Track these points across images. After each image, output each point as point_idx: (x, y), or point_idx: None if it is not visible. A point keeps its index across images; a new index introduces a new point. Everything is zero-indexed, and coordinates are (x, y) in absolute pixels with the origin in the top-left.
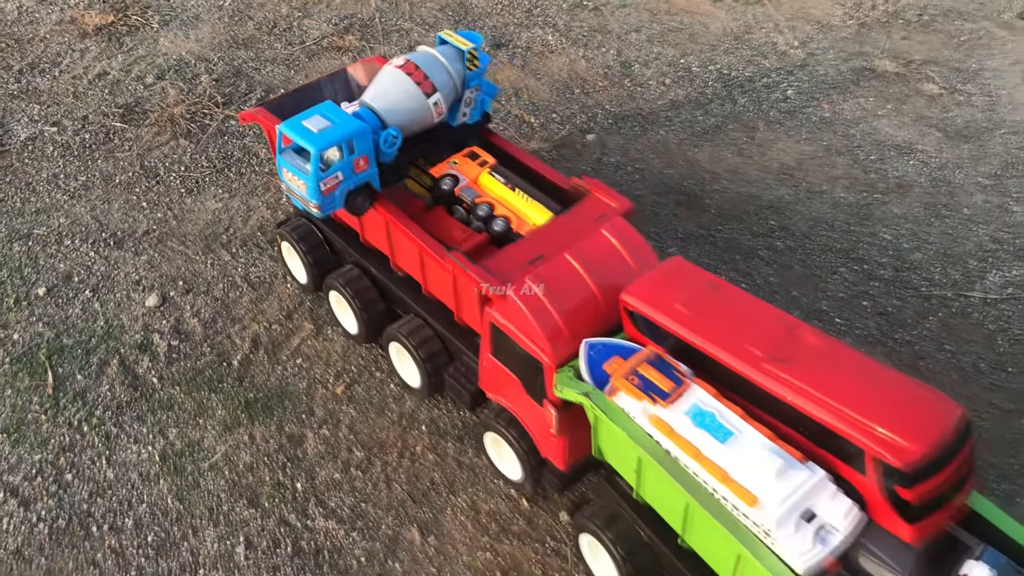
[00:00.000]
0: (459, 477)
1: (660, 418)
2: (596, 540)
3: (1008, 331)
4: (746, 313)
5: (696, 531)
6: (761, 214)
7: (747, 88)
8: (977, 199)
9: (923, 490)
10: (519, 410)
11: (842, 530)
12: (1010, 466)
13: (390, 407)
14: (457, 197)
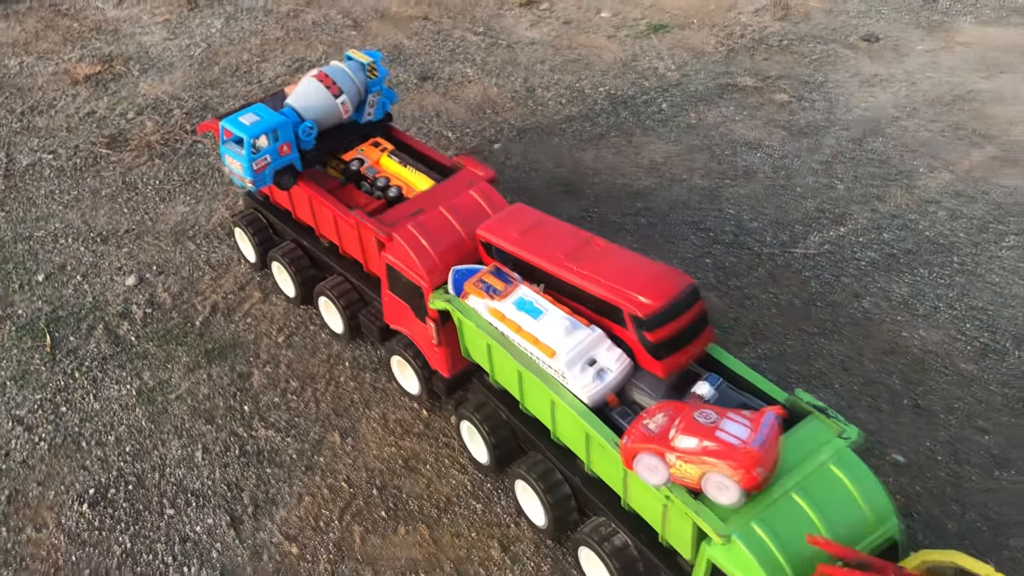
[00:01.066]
0: (373, 397)
1: (496, 309)
2: (471, 424)
3: (820, 276)
4: (558, 234)
5: (527, 393)
6: (630, 199)
7: (629, 104)
8: (809, 180)
9: (662, 334)
10: (413, 333)
11: (615, 371)
12: (809, 372)
13: (321, 350)
14: (363, 175)
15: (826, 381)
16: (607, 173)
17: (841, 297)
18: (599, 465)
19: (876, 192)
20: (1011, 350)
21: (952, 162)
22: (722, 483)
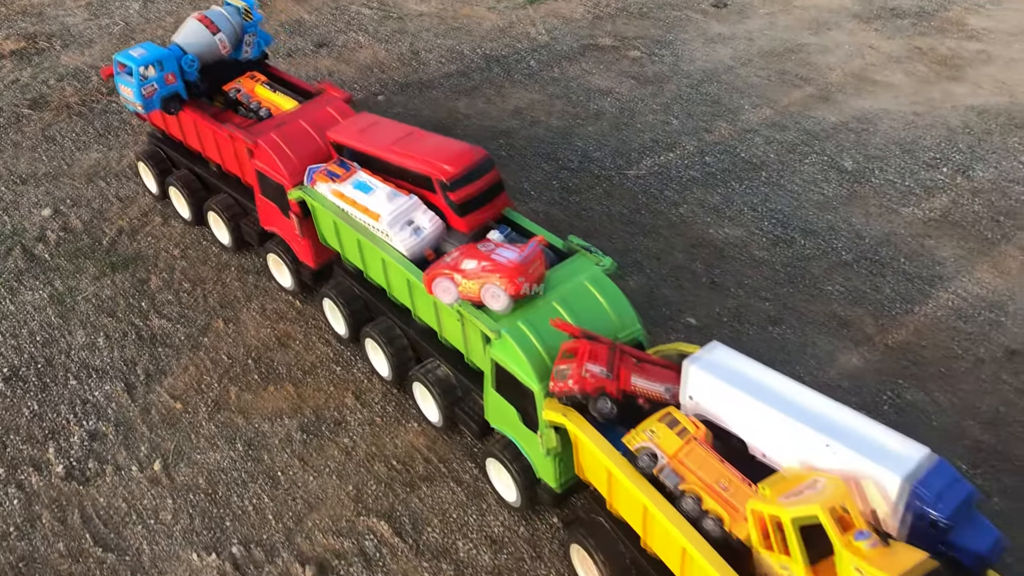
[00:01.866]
0: (254, 293)
1: (337, 190)
2: (331, 301)
3: (647, 192)
4: (389, 129)
5: (367, 259)
6: (495, 137)
7: (502, 62)
8: (649, 119)
9: (463, 195)
10: (283, 231)
11: (428, 228)
12: (628, 260)
13: (211, 260)
14: (239, 101)
15: (640, 268)
16: (477, 117)
17: (663, 206)
18: (422, 309)
19: (705, 126)
20: (798, 239)
21: (774, 100)
22: (495, 292)
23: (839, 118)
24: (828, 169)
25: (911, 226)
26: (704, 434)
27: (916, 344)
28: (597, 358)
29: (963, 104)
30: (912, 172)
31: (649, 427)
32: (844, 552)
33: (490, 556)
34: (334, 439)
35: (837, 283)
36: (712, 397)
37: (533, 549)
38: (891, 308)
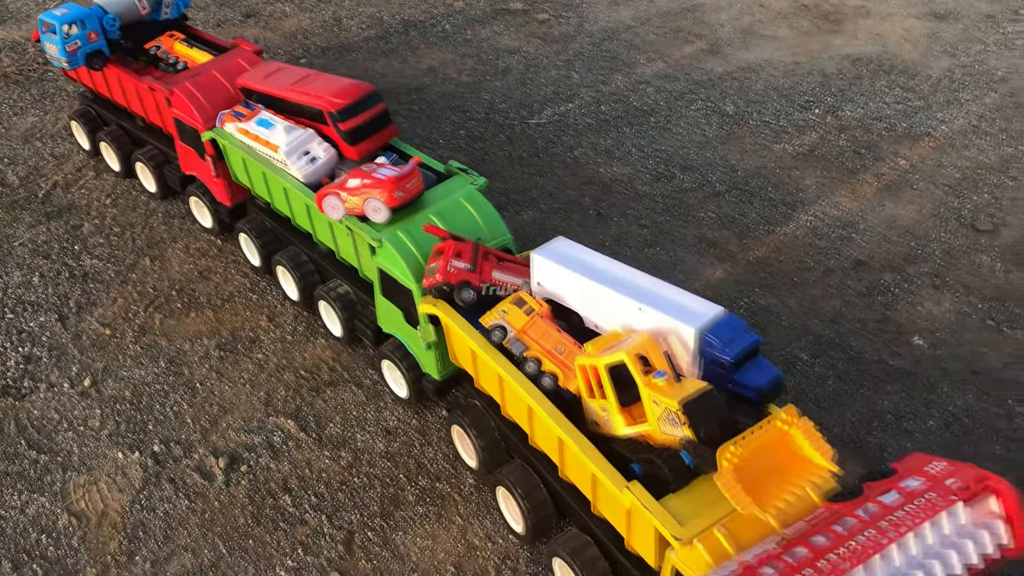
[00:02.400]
0: (179, 235)
1: (243, 128)
2: (245, 235)
3: (546, 138)
4: (289, 73)
5: (273, 193)
6: (408, 93)
7: (419, 27)
8: (552, 74)
9: (352, 124)
10: (201, 174)
11: (323, 158)
12: (525, 197)
13: (140, 207)
14: (160, 57)
15: (535, 203)
16: (392, 76)
17: (559, 150)
18: (321, 233)
19: (602, 79)
20: (678, 175)
21: (667, 55)
22: (376, 206)
23: (725, 69)
24: (711, 113)
25: (781, 160)
26: (546, 310)
27: (774, 259)
28: (462, 255)
29: (840, 53)
30: (787, 113)
31: (501, 308)
32: (644, 388)
33: (384, 443)
34: (248, 355)
35: (709, 210)
36: (553, 280)
37: (423, 436)
38: (755, 230)
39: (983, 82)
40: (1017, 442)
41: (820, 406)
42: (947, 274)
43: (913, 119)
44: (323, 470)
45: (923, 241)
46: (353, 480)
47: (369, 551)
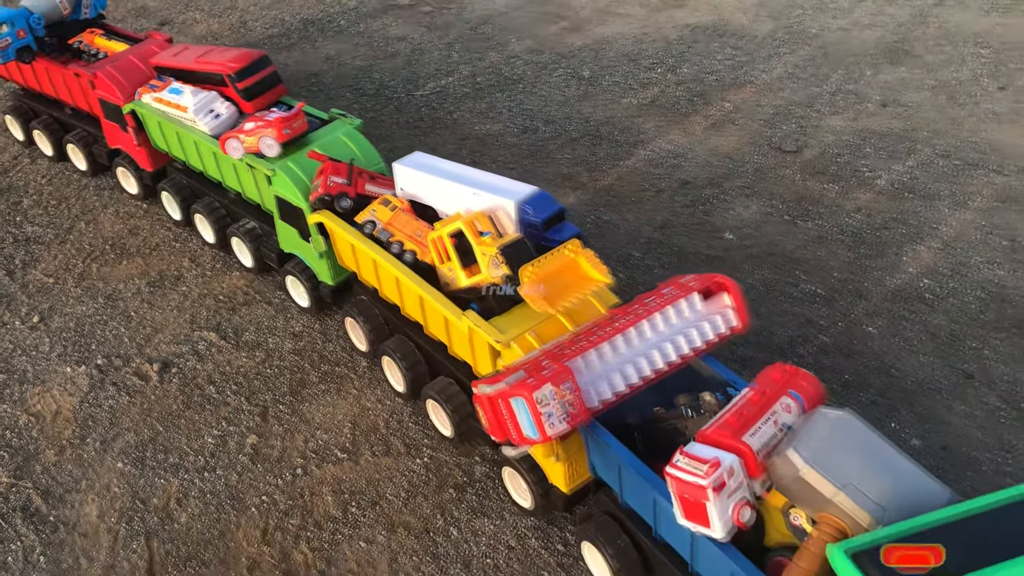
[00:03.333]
0: (109, 202)
1: (157, 97)
2: (167, 193)
3: (430, 105)
4: (196, 50)
5: (186, 150)
6: (308, 78)
7: (317, 24)
8: (435, 55)
9: (247, 83)
10: (125, 145)
11: (225, 114)
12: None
13: (73, 183)
14: (82, 50)
15: None
16: (294, 66)
17: (441, 115)
18: (229, 178)
19: (479, 56)
20: (541, 127)
21: (535, 34)
22: (268, 143)
23: (584, 42)
24: (570, 78)
25: (627, 111)
26: (406, 206)
27: (617, 185)
28: (339, 172)
29: (681, 23)
30: (634, 74)
31: (371, 208)
32: (475, 244)
33: (292, 343)
34: (174, 288)
35: (566, 153)
36: (412, 183)
37: (324, 336)
38: (602, 165)
39: (799, 39)
40: (800, 301)
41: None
42: (756, 185)
43: (739, 71)
44: (241, 366)
45: (739, 163)
46: (266, 371)
47: (280, 418)
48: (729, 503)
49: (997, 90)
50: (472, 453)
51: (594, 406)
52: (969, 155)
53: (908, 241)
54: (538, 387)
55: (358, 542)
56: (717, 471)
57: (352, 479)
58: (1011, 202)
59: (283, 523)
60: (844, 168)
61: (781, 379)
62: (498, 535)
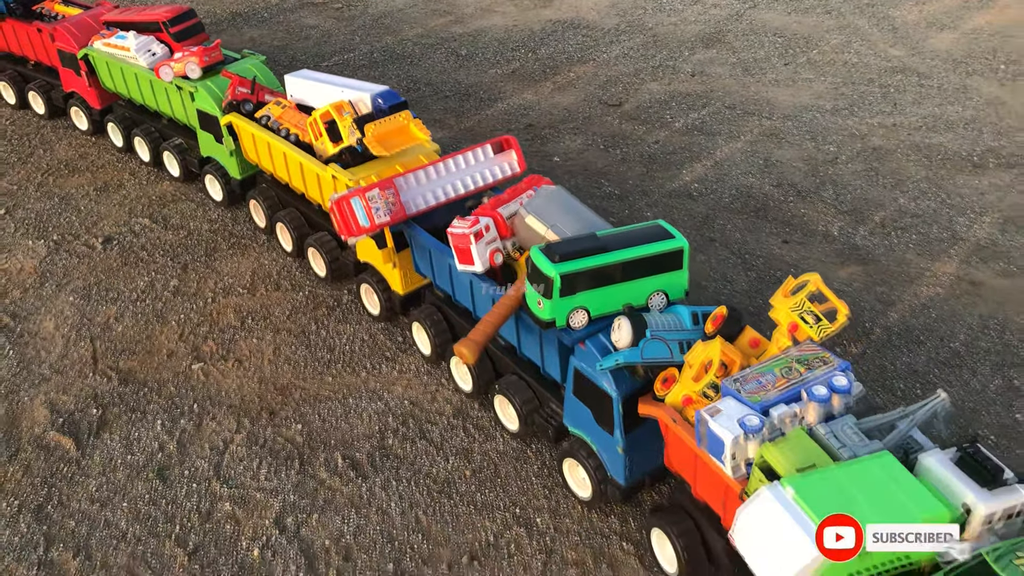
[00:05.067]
0: (64, 136)
1: (106, 42)
2: (112, 124)
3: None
4: (138, 9)
5: (130, 85)
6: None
7: (243, 15)
8: (341, 38)
9: (177, 29)
10: (79, 88)
11: (159, 52)
12: None
13: (32, 124)
14: (44, 14)
15: None
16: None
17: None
18: (163, 107)
19: (376, 40)
20: (423, 89)
21: (425, 24)
22: (192, 68)
23: (464, 31)
24: (450, 55)
25: (493, 78)
26: (293, 105)
27: (476, 127)
28: (244, 84)
29: (545, 19)
30: (501, 53)
31: (267, 108)
32: (338, 119)
33: (208, 226)
34: (116, 192)
35: (439, 106)
36: (299, 89)
37: (233, 221)
38: (467, 113)
39: (637, 31)
40: (600, 198)
41: None
42: (583, 128)
43: (585, 53)
44: (167, 240)
45: (574, 113)
46: (187, 243)
47: (197, 270)
48: (486, 249)
49: (783, 66)
50: (342, 287)
51: (411, 211)
52: (749, 107)
53: (688, 161)
54: (369, 190)
55: (251, 339)
56: (477, 225)
57: (249, 305)
58: (772, 137)
59: (195, 330)
60: (652, 116)
61: (528, 183)
62: (355, 334)
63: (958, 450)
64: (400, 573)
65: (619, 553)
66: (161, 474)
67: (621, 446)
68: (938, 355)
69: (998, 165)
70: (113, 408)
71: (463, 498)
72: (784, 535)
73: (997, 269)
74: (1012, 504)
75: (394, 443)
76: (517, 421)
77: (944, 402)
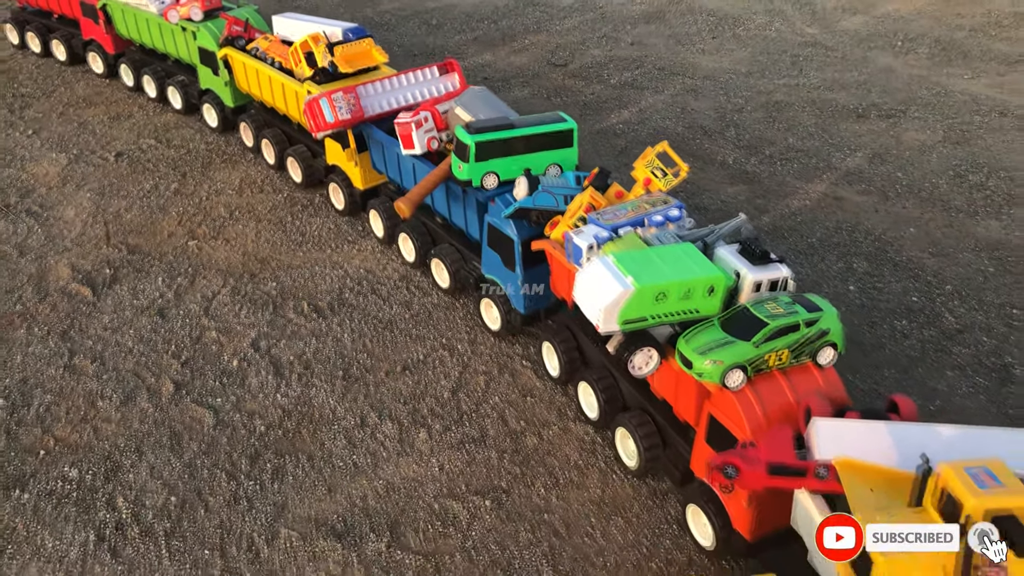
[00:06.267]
0: (82, 79)
1: None
2: (124, 66)
3: None
4: None
5: (139, 30)
6: None
7: None
8: (327, 10)
9: None
10: (96, 36)
11: (169, 2)
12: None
13: (55, 68)
14: None
15: None
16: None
17: None
18: (170, 48)
19: (357, 11)
20: (394, 49)
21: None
22: (195, 12)
23: (437, 5)
24: (422, 24)
25: (458, 43)
26: (280, 40)
27: None
28: (238, 23)
29: None
30: (468, 24)
31: (256, 42)
32: (314, 47)
33: (204, 146)
34: (127, 120)
35: (409, 63)
36: (283, 27)
37: (227, 143)
38: None
39: (589, 8)
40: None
41: None
42: (532, 82)
43: (540, 25)
44: (170, 156)
45: (525, 71)
46: (187, 158)
47: (194, 177)
48: (424, 135)
49: (711, 39)
50: (314, 192)
51: (368, 113)
52: (676, 70)
53: (617, 108)
54: (334, 93)
55: (237, 226)
56: (417, 116)
57: (237, 202)
58: (691, 92)
59: (192, 219)
60: (591, 74)
61: (465, 87)
62: (324, 224)
63: (739, 243)
64: (348, 376)
65: (519, 367)
66: (161, 312)
67: (521, 279)
68: (797, 246)
69: (879, 116)
70: (122, 269)
71: (402, 332)
72: (604, 283)
73: (859, 189)
74: (773, 276)
75: (350, 296)
76: (448, 279)
77: (744, 222)
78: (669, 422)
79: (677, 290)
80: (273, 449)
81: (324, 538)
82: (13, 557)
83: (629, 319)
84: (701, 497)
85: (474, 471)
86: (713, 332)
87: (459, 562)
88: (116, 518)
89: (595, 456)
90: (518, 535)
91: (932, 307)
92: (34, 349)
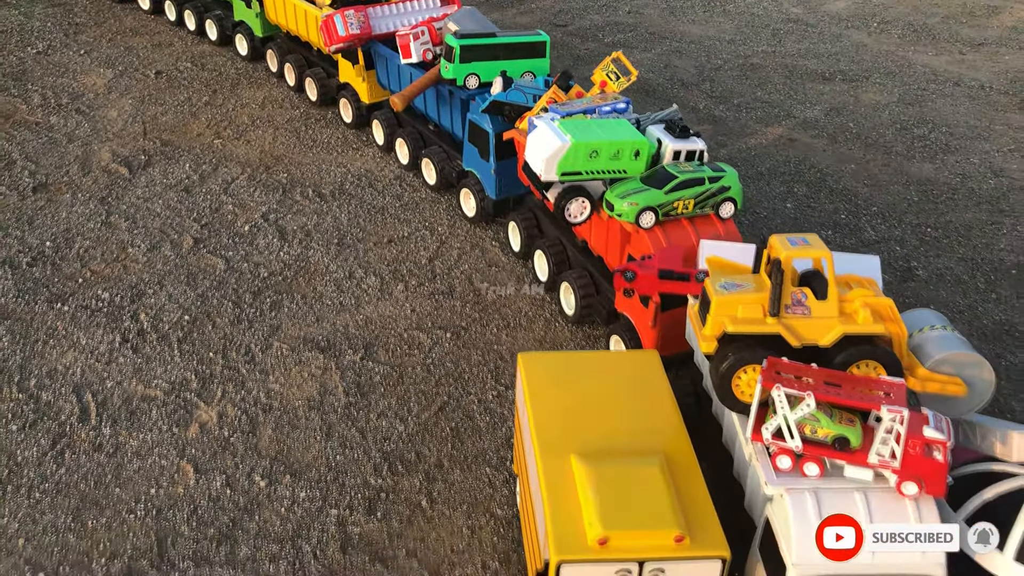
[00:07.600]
0: (131, 13)
1: None
2: (169, 3)
3: None
4: None
5: None
6: None
7: None
8: None
9: None
10: None
11: None
12: None
13: (106, 4)
14: None
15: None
16: None
17: None
18: None
19: None
20: None
21: None
22: None
23: None
24: None
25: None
26: None
27: None
28: None
29: None
30: None
31: None
32: None
33: (235, 71)
34: (167, 48)
35: None
36: None
37: (254, 69)
38: None
39: None
40: None
41: None
42: None
43: None
44: (203, 77)
45: (529, 28)
46: (217, 79)
47: (223, 94)
48: (420, 47)
49: (702, 12)
50: (327, 110)
51: (376, 32)
52: (665, 35)
53: None
54: (346, 10)
55: (257, 131)
56: (415, 29)
57: (259, 114)
58: (676, 53)
59: (218, 124)
60: (588, 34)
61: None
62: (333, 134)
63: (665, 123)
64: (341, 244)
65: (488, 246)
66: (187, 189)
67: (493, 168)
68: (746, 173)
69: (843, 80)
70: (155, 156)
71: (392, 216)
72: (547, 138)
73: (812, 134)
74: (691, 147)
75: (350, 188)
76: (435, 176)
77: (675, 112)
78: (603, 275)
79: (608, 149)
80: (273, 289)
81: (309, 350)
82: (54, 348)
83: (567, 171)
84: (621, 328)
85: (440, 314)
86: (633, 184)
87: (419, 372)
88: (138, 327)
89: (543, 310)
90: (471, 357)
91: (857, 223)
92: (77, 209)
